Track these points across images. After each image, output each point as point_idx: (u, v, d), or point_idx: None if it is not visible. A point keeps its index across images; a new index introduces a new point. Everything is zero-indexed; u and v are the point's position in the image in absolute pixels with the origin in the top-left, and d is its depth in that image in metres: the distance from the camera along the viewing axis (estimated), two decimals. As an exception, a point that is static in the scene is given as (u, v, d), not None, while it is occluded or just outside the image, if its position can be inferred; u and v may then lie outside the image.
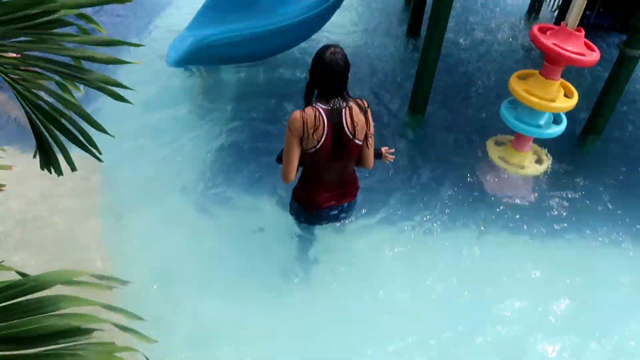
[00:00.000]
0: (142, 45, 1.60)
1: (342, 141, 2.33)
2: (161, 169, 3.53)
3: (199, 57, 4.11)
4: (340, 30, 5.25)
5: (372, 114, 2.40)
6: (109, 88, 1.60)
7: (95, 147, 1.73)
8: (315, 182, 2.52)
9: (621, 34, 5.18)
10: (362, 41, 5.19)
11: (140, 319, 1.53)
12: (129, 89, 1.64)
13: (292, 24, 4.19)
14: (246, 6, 4.46)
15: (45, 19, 1.36)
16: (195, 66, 4.40)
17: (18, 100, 1.58)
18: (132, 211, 3.19)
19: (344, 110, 2.30)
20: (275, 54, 4.59)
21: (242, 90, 4.39)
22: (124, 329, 1.49)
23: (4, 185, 2.02)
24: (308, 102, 2.35)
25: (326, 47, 2.29)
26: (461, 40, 5.34)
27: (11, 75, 1.47)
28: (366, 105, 2.37)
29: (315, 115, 2.27)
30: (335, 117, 2.29)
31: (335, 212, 2.64)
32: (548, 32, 3.26)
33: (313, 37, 4.68)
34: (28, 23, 1.34)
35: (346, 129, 2.31)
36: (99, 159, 1.76)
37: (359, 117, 2.32)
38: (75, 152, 1.72)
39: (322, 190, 2.54)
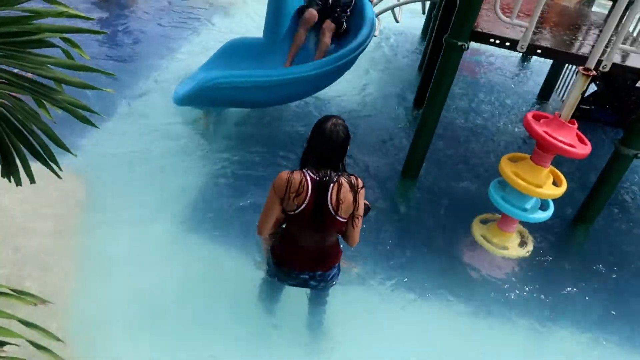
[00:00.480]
0: (113, 75, 1.66)
1: (322, 214, 2.30)
2: (147, 194, 3.58)
3: (204, 97, 4.21)
4: (350, 90, 5.38)
5: (364, 176, 2.42)
6: (77, 111, 1.65)
7: (56, 163, 1.77)
8: (293, 243, 2.48)
9: (621, 129, 5.22)
10: (369, 105, 5.29)
11: (57, 339, 1.51)
12: (96, 113, 1.69)
13: (301, 77, 4.28)
14: (258, 57, 4.62)
15: (26, 38, 1.43)
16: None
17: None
18: (109, 228, 3.21)
19: (332, 185, 2.27)
20: (280, 104, 4.71)
21: (244, 134, 4.50)
22: (39, 347, 1.47)
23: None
24: (302, 167, 2.34)
25: (328, 118, 2.30)
26: (464, 116, 5.41)
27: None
28: (359, 185, 2.33)
29: (301, 181, 2.26)
30: (320, 189, 2.26)
31: (306, 277, 2.56)
32: (542, 120, 3.30)
33: (322, 93, 4.81)
34: (7, 39, 1.41)
35: (329, 204, 2.28)
36: (57, 175, 1.79)
37: (346, 195, 2.28)
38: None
39: (298, 253, 2.49)
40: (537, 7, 3.18)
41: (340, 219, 2.31)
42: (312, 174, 2.27)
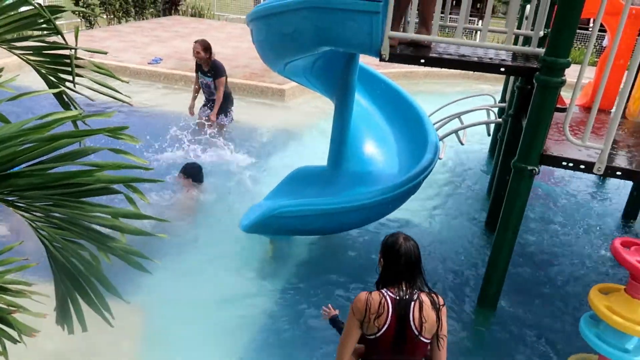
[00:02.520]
0: (167, 221, 1.65)
1: (405, 335, 2.20)
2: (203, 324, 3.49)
3: (269, 225, 4.24)
4: (417, 215, 5.25)
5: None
6: (132, 258, 1.63)
7: (109, 311, 1.73)
8: None
9: None
10: (438, 229, 5.10)
11: None
12: (151, 260, 1.67)
13: (365, 204, 4.23)
14: (324, 183, 4.67)
15: (82, 189, 1.47)
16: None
17: (47, 257, 1.66)
18: None
19: (413, 303, 2.20)
20: (346, 231, 4.64)
21: (310, 262, 4.41)
22: None
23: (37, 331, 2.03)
24: (378, 287, 2.30)
25: (397, 235, 2.30)
26: (542, 235, 5.07)
27: (41, 232, 1.56)
28: (441, 302, 2.25)
29: (380, 301, 2.19)
30: (402, 309, 2.19)
31: None
32: (633, 248, 2.98)
33: (388, 218, 4.72)
34: (63, 190, 1.45)
35: (412, 323, 2.19)
36: (109, 324, 1.74)
37: (429, 313, 2.20)
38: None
39: None
40: (611, 128, 3.02)
41: (424, 340, 2.21)
42: (391, 294, 2.22)
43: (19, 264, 2.09)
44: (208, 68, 6.51)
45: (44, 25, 2.24)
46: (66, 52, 2.27)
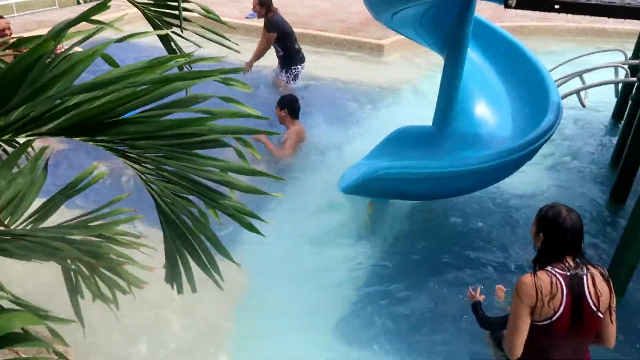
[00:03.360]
0: (282, 179, 1.47)
1: (582, 314, 2.05)
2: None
3: (369, 188, 4.03)
4: (529, 185, 4.79)
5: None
6: (244, 217, 1.48)
7: (218, 273, 1.61)
8: None
9: None
10: (554, 195, 4.62)
11: None
12: (263, 220, 1.51)
13: (474, 169, 3.88)
14: (429, 145, 4.35)
15: (196, 139, 1.32)
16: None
17: (157, 212, 1.55)
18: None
19: (585, 277, 2.05)
20: (450, 197, 4.32)
21: (411, 230, 4.18)
22: None
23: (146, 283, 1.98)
24: (540, 266, 2.15)
25: (557, 207, 2.15)
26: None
27: (152, 186, 1.45)
28: (607, 274, 2.12)
29: (551, 281, 2.04)
30: (576, 285, 2.04)
31: None
32: None
33: (497, 186, 4.33)
34: (176, 141, 1.31)
35: (590, 299, 2.04)
36: (219, 286, 1.62)
37: (602, 285, 2.06)
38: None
39: None
40: None
41: (601, 315, 2.07)
42: (559, 270, 2.07)
43: (128, 215, 2.05)
44: (265, 23, 6.26)
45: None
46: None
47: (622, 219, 4.19)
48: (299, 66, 6.57)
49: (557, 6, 3.20)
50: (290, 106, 5.01)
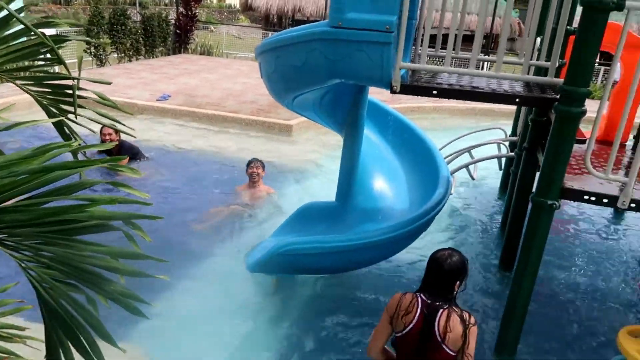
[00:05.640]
0: (166, 261, 1.51)
1: (429, 339, 2.34)
2: None
3: (276, 264, 4.07)
4: (427, 253, 5.05)
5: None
6: (129, 301, 1.49)
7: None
8: None
9: None
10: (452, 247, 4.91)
11: None
12: (148, 304, 1.52)
13: (375, 241, 4.06)
14: (333, 220, 4.53)
15: (75, 225, 1.34)
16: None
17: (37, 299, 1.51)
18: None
19: (441, 310, 2.36)
20: (355, 269, 4.46)
21: (314, 300, 4.22)
22: None
23: None
24: (417, 291, 2.50)
25: (444, 250, 2.55)
26: (564, 275, 4.86)
27: (30, 272, 1.43)
28: (472, 321, 2.37)
29: (412, 300, 2.42)
30: (430, 312, 2.36)
31: None
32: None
33: (396, 257, 4.54)
34: (55, 227, 1.33)
35: (436, 329, 2.33)
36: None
37: (455, 325, 2.32)
38: None
39: None
40: (636, 160, 2.89)
41: (447, 350, 2.32)
42: (423, 297, 2.42)
43: (13, 306, 1.95)
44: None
45: (47, 55, 2.17)
46: (70, 82, 2.19)
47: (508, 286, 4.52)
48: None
49: (435, 92, 3.60)
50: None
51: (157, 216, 1.47)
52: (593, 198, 3.06)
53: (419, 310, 2.36)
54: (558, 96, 3.01)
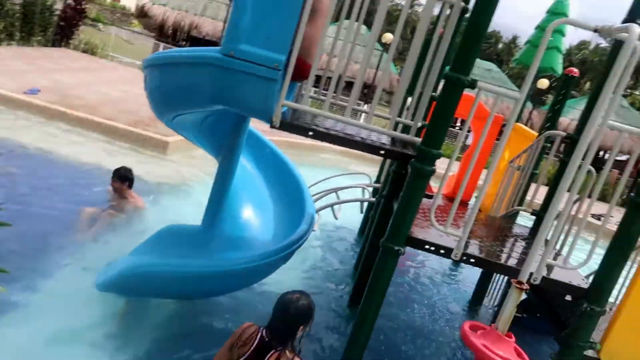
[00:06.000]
0: (6, 272, 1.43)
1: None
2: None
3: (128, 285, 3.91)
4: (284, 283, 5.17)
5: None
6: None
7: None
8: None
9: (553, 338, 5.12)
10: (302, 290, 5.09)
11: None
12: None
13: (235, 270, 4.07)
14: (195, 244, 4.47)
15: None
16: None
17: None
18: None
19: (274, 350, 2.47)
20: (211, 297, 4.43)
21: (167, 327, 4.10)
22: None
23: None
24: (265, 326, 2.61)
25: (294, 293, 2.67)
26: (402, 315, 5.27)
27: None
28: None
29: (252, 333, 2.53)
30: (264, 348, 2.47)
31: None
32: (479, 332, 3.19)
33: (249, 288, 4.58)
34: None
35: None
36: None
37: None
38: None
39: None
40: (470, 219, 3.30)
41: None
42: (264, 334, 2.54)
43: None
44: None
45: None
46: None
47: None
48: None
49: (311, 133, 3.80)
50: (130, 178, 5.56)
51: (6, 223, 1.40)
52: (432, 248, 3.42)
53: (254, 346, 2.46)
54: (415, 153, 3.36)
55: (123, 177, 5.52)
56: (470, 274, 6.67)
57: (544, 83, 20.25)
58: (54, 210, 5.44)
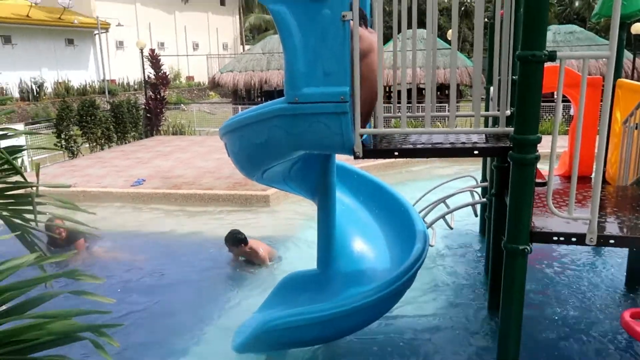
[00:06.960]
0: None
1: None
2: None
3: (263, 342, 3.99)
4: (416, 305, 5.02)
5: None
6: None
7: None
8: None
9: None
10: (439, 314, 4.88)
11: None
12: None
13: (360, 305, 4.02)
14: (316, 288, 4.48)
15: (32, 343, 1.33)
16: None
17: None
18: None
19: None
20: (347, 335, 4.38)
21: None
22: None
23: None
24: None
25: None
26: (548, 314, 4.84)
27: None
28: None
29: None
30: None
31: None
32: (644, 317, 2.82)
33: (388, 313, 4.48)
34: (12, 347, 1.31)
35: None
36: None
37: None
38: None
39: None
40: (595, 196, 2.98)
41: None
42: None
43: None
44: None
45: (5, 167, 2.20)
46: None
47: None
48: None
49: (396, 153, 3.71)
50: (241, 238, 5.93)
51: (118, 324, 1.46)
52: (562, 238, 3.11)
53: None
54: (511, 145, 3.12)
55: (236, 241, 5.78)
56: (616, 255, 6.03)
57: (638, 28, 18.33)
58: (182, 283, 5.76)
